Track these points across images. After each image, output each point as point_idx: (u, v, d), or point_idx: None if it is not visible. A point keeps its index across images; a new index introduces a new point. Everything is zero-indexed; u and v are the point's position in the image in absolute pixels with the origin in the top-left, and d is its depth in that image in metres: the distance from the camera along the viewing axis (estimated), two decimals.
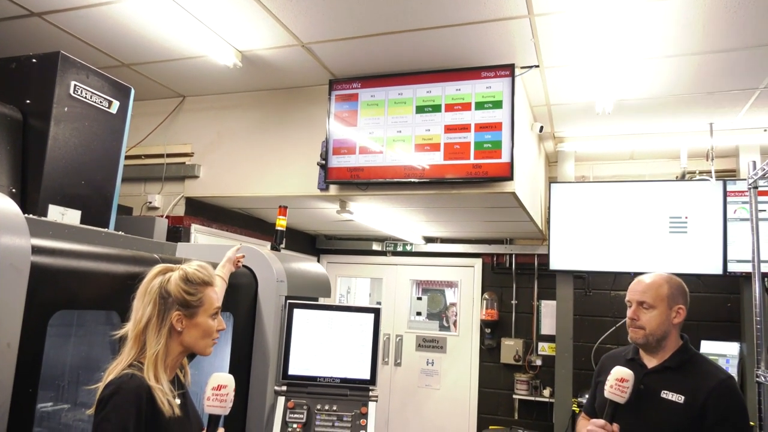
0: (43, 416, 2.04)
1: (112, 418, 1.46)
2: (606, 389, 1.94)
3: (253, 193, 3.92)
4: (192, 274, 1.69)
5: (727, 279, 4.64)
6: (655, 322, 1.98)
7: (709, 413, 1.85)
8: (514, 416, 5.36)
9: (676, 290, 2.03)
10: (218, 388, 1.66)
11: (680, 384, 1.93)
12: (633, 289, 2.06)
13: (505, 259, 5.61)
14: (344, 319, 2.84)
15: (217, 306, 1.74)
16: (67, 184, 2.35)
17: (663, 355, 2.02)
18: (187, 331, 1.66)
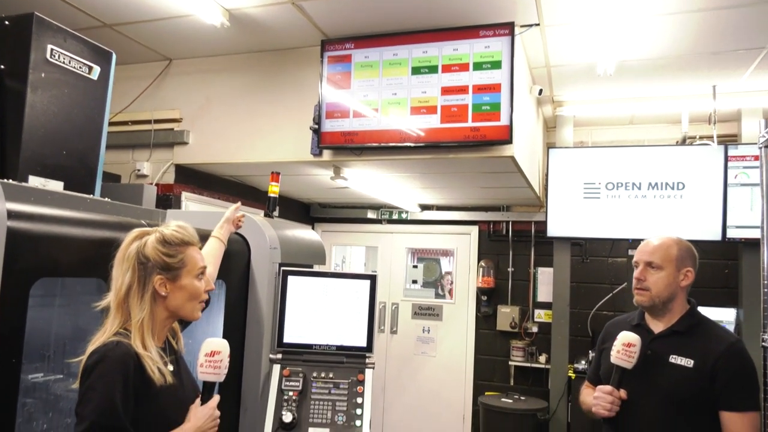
0: (35, 387, 1.98)
1: (98, 387, 1.40)
2: (612, 355, 1.90)
3: (244, 159, 3.82)
4: (170, 235, 1.61)
5: (725, 245, 4.61)
6: (662, 284, 1.93)
7: (719, 376, 1.81)
8: (510, 382, 5.39)
9: (686, 252, 1.98)
10: (211, 354, 1.60)
11: (689, 348, 1.88)
12: (641, 250, 2.01)
13: (501, 226, 5.55)
14: (340, 286, 2.78)
15: (201, 266, 1.66)
16: (48, 154, 2.25)
17: (670, 319, 1.97)
18: (172, 295, 1.58)
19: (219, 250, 2.28)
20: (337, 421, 2.56)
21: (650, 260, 1.96)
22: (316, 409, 2.58)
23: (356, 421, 2.58)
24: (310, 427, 2.55)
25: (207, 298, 1.70)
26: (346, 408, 2.59)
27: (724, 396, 1.81)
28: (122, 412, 1.39)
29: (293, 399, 2.57)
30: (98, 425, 1.37)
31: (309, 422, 2.55)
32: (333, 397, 2.62)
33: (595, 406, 1.93)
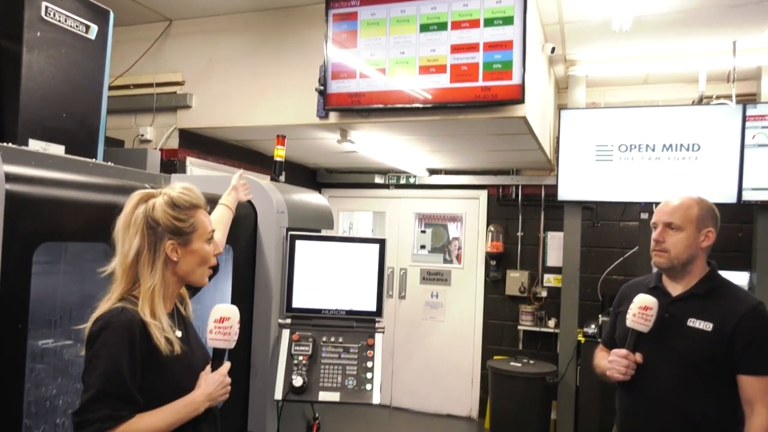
0: (44, 353, 1.97)
1: (103, 355, 1.37)
2: (628, 318, 1.85)
3: (248, 123, 3.74)
4: (178, 198, 1.54)
5: (739, 208, 4.53)
6: (681, 245, 1.87)
7: (739, 339, 1.77)
8: (519, 347, 5.40)
9: (707, 212, 1.92)
10: (221, 320, 1.56)
11: (708, 311, 1.83)
12: (660, 210, 1.94)
13: (511, 190, 5.48)
14: (348, 250, 2.74)
15: (211, 230, 1.61)
16: (47, 116, 2.20)
17: (689, 281, 1.91)
18: (183, 260, 1.54)
19: (227, 216, 2.24)
20: (347, 385, 2.56)
21: (670, 221, 1.89)
22: (326, 373, 2.57)
23: (366, 385, 2.57)
24: (320, 391, 2.55)
25: (215, 263, 1.66)
26: (357, 372, 2.58)
27: (744, 359, 1.77)
28: (129, 379, 1.37)
29: (303, 363, 2.56)
30: (104, 393, 1.34)
31: (319, 386, 2.55)
32: (343, 361, 2.61)
33: (609, 370, 1.90)
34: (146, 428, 1.38)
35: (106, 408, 1.33)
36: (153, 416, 1.40)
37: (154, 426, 1.40)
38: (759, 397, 1.74)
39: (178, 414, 1.44)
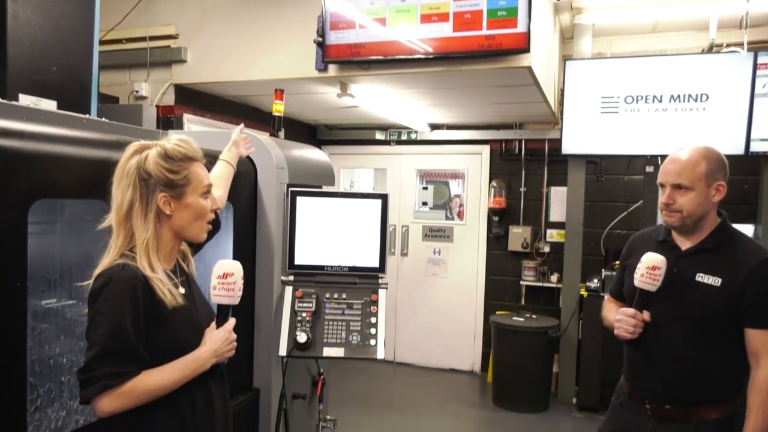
0: (49, 312, 1.95)
1: (106, 311, 1.34)
2: (636, 278, 1.81)
3: (245, 77, 3.65)
4: (172, 149, 1.48)
5: (746, 160, 4.46)
6: (693, 204, 1.78)
7: (748, 293, 1.73)
8: (521, 302, 5.42)
9: (715, 165, 1.82)
10: (224, 276, 1.52)
11: (717, 266, 1.78)
12: (666, 170, 1.83)
13: (513, 145, 5.40)
14: (350, 206, 2.70)
15: (207, 183, 1.55)
16: (37, 69, 2.13)
17: (699, 235, 1.85)
18: (177, 214, 1.48)
19: (228, 173, 2.18)
20: (351, 340, 2.56)
21: (678, 182, 1.79)
22: (330, 329, 2.57)
23: (371, 340, 2.58)
24: (324, 347, 2.55)
25: (213, 218, 1.61)
26: (360, 328, 2.58)
27: (751, 313, 1.74)
28: (133, 336, 1.35)
29: (307, 320, 2.56)
30: (108, 350, 1.32)
31: (323, 342, 2.55)
32: (347, 317, 2.60)
33: (617, 329, 1.88)
34: (153, 384, 1.37)
35: (111, 365, 1.32)
36: (159, 373, 1.39)
37: (161, 382, 1.38)
38: (765, 350, 1.72)
39: (185, 370, 1.43)
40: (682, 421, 1.81)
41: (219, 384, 1.59)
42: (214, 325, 1.55)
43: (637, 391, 1.93)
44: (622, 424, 1.96)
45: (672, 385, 1.83)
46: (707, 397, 1.80)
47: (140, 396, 1.36)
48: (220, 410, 1.56)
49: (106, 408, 1.33)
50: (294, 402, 2.83)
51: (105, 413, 1.34)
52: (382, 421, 4.35)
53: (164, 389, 1.39)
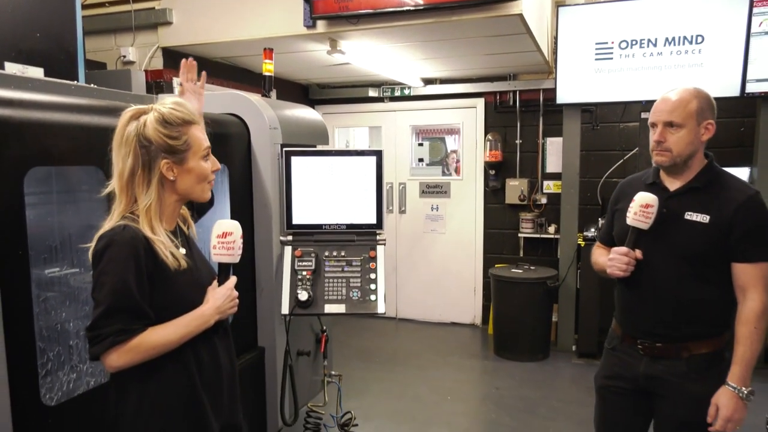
0: (53, 281, 1.98)
1: (110, 271, 1.37)
2: (629, 216, 1.86)
3: (233, 37, 3.58)
4: (169, 114, 1.47)
5: (742, 101, 4.44)
6: (683, 142, 1.82)
7: (735, 229, 1.78)
8: (520, 254, 5.47)
9: (705, 104, 1.85)
10: (223, 235, 1.55)
11: (705, 203, 1.83)
12: (659, 109, 1.86)
13: (508, 96, 5.35)
14: (345, 164, 2.70)
15: (206, 146, 1.56)
16: (21, 36, 2.10)
17: (687, 175, 1.88)
18: (180, 178, 1.50)
19: None
20: (352, 297, 2.60)
21: (670, 120, 1.83)
22: (330, 286, 2.61)
23: (371, 296, 2.61)
24: (326, 304, 2.59)
25: (213, 178, 1.62)
26: (360, 284, 2.62)
27: (738, 248, 1.79)
28: (137, 294, 1.38)
29: (307, 278, 2.59)
30: (114, 308, 1.36)
31: (325, 299, 2.59)
32: (346, 274, 2.63)
33: (610, 268, 1.92)
34: (158, 340, 1.41)
35: (117, 322, 1.35)
36: (164, 329, 1.43)
37: (166, 338, 1.42)
38: (752, 283, 1.78)
39: (189, 327, 1.47)
40: (673, 357, 1.87)
41: (224, 340, 1.63)
42: (216, 283, 1.58)
43: (629, 332, 1.98)
44: (616, 367, 2.02)
45: (663, 322, 1.88)
46: (697, 331, 1.86)
47: (147, 351, 1.40)
48: (225, 365, 1.61)
49: (114, 363, 1.37)
50: (299, 359, 2.90)
51: (114, 368, 1.39)
52: (386, 375, 4.47)
53: (169, 345, 1.43)
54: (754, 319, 1.76)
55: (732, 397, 1.75)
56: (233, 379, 1.66)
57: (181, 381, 1.48)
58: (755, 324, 1.75)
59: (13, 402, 1.52)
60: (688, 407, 1.84)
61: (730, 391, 1.75)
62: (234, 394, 1.66)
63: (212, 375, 1.55)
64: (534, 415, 3.73)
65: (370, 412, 3.78)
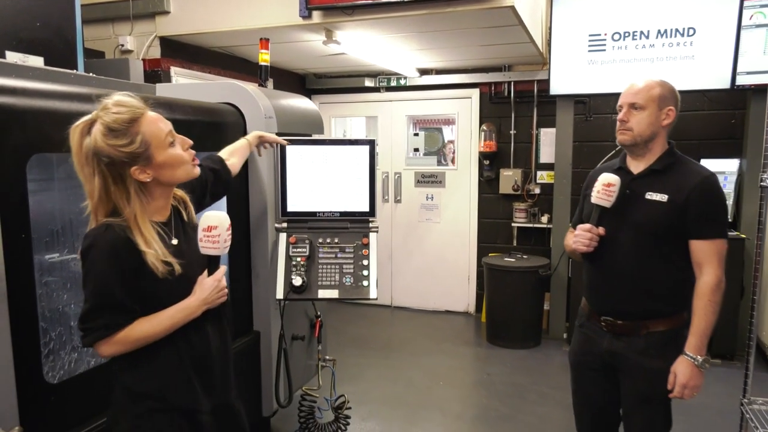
0: (54, 266, 2.04)
1: (92, 271, 1.43)
2: (593, 195, 2.00)
3: (230, 27, 3.62)
4: (113, 121, 1.40)
5: (733, 94, 4.50)
6: (644, 123, 1.97)
7: (691, 207, 1.90)
8: (513, 243, 5.54)
9: (668, 92, 2.00)
10: (208, 229, 1.54)
11: (664, 185, 1.96)
12: (625, 93, 2.03)
13: (503, 87, 5.39)
14: (339, 153, 2.76)
15: (166, 132, 1.50)
16: (21, 26, 2.15)
17: (649, 159, 2.02)
18: (157, 175, 1.49)
19: (242, 146, 2.27)
20: (345, 282, 2.67)
21: (634, 101, 1.98)
22: (324, 272, 2.67)
23: (363, 281, 2.68)
24: (319, 289, 2.66)
25: (194, 154, 1.60)
26: (353, 270, 2.68)
27: (694, 226, 1.91)
28: (119, 292, 1.43)
29: (301, 264, 2.66)
30: (97, 305, 1.43)
31: (318, 285, 2.66)
32: (340, 260, 2.70)
33: (575, 243, 2.04)
34: (144, 332, 1.47)
35: (102, 318, 1.42)
36: (150, 321, 1.48)
37: (151, 330, 1.47)
38: (707, 259, 1.90)
39: (174, 318, 1.50)
40: (633, 334, 2.00)
41: (217, 328, 1.66)
42: (206, 274, 1.59)
43: (594, 309, 2.11)
44: (584, 344, 2.16)
45: (623, 298, 2.01)
46: (655, 309, 1.98)
47: (134, 342, 1.47)
48: (216, 347, 1.65)
49: (105, 353, 1.47)
50: (294, 343, 2.97)
51: (106, 356, 1.49)
52: (381, 361, 4.55)
53: (156, 336, 1.49)
54: (708, 292, 1.88)
55: (688, 366, 1.88)
56: (226, 361, 1.70)
57: (172, 361, 1.54)
58: (709, 297, 1.88)
59: (18, 380, 1.59)
60: (648, 382, 1.97)
61: (687, 360, 1.88)
62: (226, 375, 1.71)
63: (203, 357, 1.60)
64: (524, 400, 3.82)
65: (364, 396, 3.86)
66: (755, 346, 4.30)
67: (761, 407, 2.08)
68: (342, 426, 3.31)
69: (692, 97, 4.70)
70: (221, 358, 1.68)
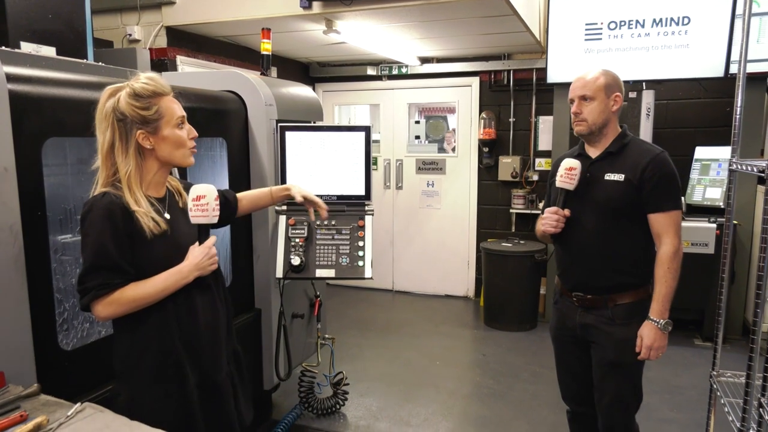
0: (67, 246, 2.17)
1: (90, 233, 1.54)
2: (557, 179, 2.14)
3: (233, 16, 3.73)
4: (140, 88, 1.61)
5: (727, 82, 4.55)
6: (596, 112, 2.11)
7: (646, 183, 2.05)
8: (511, 229, 5.66)
9: (612, 80, 2.14)
10: (197, 198, 1.65)
11: (621, 165, 2.11)
12: (574, 87, 2.17)
13: (502, 76, 5.48)
14: (336, 139, 2.88)
15: (179, 115, 1.67)
16: (35, 18, 2.26)
17: (604, 143, 2.17)
18: (157, 146, 1.64)
19: (262, 196, 2.21)
20: (341, 262, 2.80)
21: (583, 93, 2.12)
22: (321, 253, 2.81)
23: (359, 261, 2.81)
24: (317, 268, 2.79)
25: (194, 146, 1.74)
26: (350, 251, 2.81)
27: (651, 200, 2.06)
28: (115, 254, 1.54)
29: (300, 245, 2.79)
30: (95, 265, 1.53)
31: (316, 264, 2.79)
32: (336, 241, 2.83)
33: (543, 225, 2.19)
34: (138, 294, 1.57)
35: (99, 277, 1.53)
36: (144, 284, 1.58)
37: (145, 292, 1.57)
38: (665, 230, 2.05)
39: (167, 282, 1.60)
40: (601, 307, 2.15)
41: (207, 298, 1.74)
42: (198, 243, 1.69)
43: (566, 286, 2.26)
44: (559, 320, 2.32)
45: (590, 273, 2.15)
46: (621, 282, 2.13)
47: (128, 304, 1.56)
48: (206, 325, 1.72)
49: (100, 314, 1.56)
50: (294, 321, 3.11)
51: (102, 318, 1.59)
52: (380, 342, 4.69)
53: (149, 298, 1.58)
54: (667, 260, 2.03)
55: (652, 329, 2.04)
56: (216, 339, 1.76)
57: (161, 333, 1.63)
58: (668, 264, 2.03)
59: (35, 345, 1.74)
60: (615, 349, 2.13)
61: (650, 324, 2.05)
62: (215, 352, 1.76)
63: (191, 331, 1.68)
64: (517, 379, 3.96)
65: (363, 374, 4.01)
66: (734, 325, 4.41)
67: (729, 379, 2.20)
68: (340, 401, 3.47)
69: (687, 86, 4.77)
70: (211, 335, 1.74)
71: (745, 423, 1.77)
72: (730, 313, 4.45)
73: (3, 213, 1.63)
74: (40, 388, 1.50)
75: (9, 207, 1.65)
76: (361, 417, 3.45)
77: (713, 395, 2.27)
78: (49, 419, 1.34)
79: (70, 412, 1.37)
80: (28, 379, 1.68)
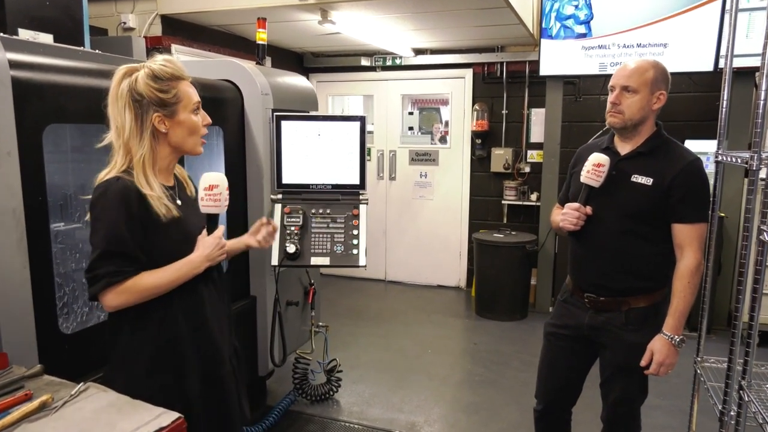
0: (62, 233, 2.19)
1: (103, 218, 1.50)
2: (582, 174, 2.03)
3: (227, 5, 3.73)
4: (159, 70, 1.56)
5: (716, 76, 4.62)
6: (636, 107, 1.99)
7: (674, 191, 1.96)
8: (503, 220, 5.72)
9: (661, 75, 2.01)
10: (210, 188, 1.63)
11: (650, 167, 2.00)
12: (618, 74, 2.02)
13: (495, 68, 5.52)
14: (331, 128, 2.91)
15: (196, 101, 1.64)
16: (32, 5, 2.27)
17: (637, 141, 2.06)
18: (172, 131, 1.59)
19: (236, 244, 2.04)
20: (336, 250, 2.85)
21: (626, 84, 1.98)
22: (316, 241, 2.85)
23: (353, 250, 2.86)
24: (312, 256, 2.84)
25: (206, 133, 1.72)
26: (344, 239, 2.86)
27: (678, 209, 1.97)
28: (129, 240, 1.49)
29: (295, 233, 2.83)
30: (108, 252, 1.48)
31: (311, 252, 2.84)
32: (331, 230, 2.87)
33: (562, 222, 2.10)
34: (150, 283, 1.52)
35: (111, 265, 1.47)
36: (156, 273, 1.54)
37: (157, 281, 1.54)
38: (688, 242, 1.95)
39: (179, 271, 1.57)
40: (615, 310, 2.07)
41: (212, 290, 1.72)
42: (206, 233, 1.66)
43: (579, 285, 2.18)
44: (564, 317, 2.23)
45: (605, 274, 2.08)
46: (637, 286, 2.06)
47: (140, 293, 1.51)
48: (212, 311, 1.70)
49: (111, 303, 1.50)
50: (288, 309, 3.15)
51: (111, 308, 1.52)
52: (373, 330, 4.75)
53: (160, 287, 1.55)
54: (688, 274, 1.94)
55: (665, 344, 1.95)
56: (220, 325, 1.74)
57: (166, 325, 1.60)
58: (689, 279, 1.94)
59: (36, 329, 1.77)
60: (626, 354, 2.05)
61: (664, 339, 1.95)
62: (220, 344, 1.73)
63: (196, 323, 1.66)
64: (507, 367, 4.03)
65: (356, 361, 4.07)
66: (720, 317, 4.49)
67: (712, 365, 2.26)
68: (334, 388, 3.53)
69: (677, 79, 4.80)
70: (216, 327, 1.72)
71: (726, 405, 1.83)
72: (716, 305, 4.55)
73: (6, 197, 1.66)
74: (43, 369, 1.52)
75: (12, 191, 1.67)
76: (354, 403, 3.51)
77: (696, 380, 2.34)
78: (54, 398, 1.37)
79: (74, 391, 1.40)
80: (30, 361, 1.71)
